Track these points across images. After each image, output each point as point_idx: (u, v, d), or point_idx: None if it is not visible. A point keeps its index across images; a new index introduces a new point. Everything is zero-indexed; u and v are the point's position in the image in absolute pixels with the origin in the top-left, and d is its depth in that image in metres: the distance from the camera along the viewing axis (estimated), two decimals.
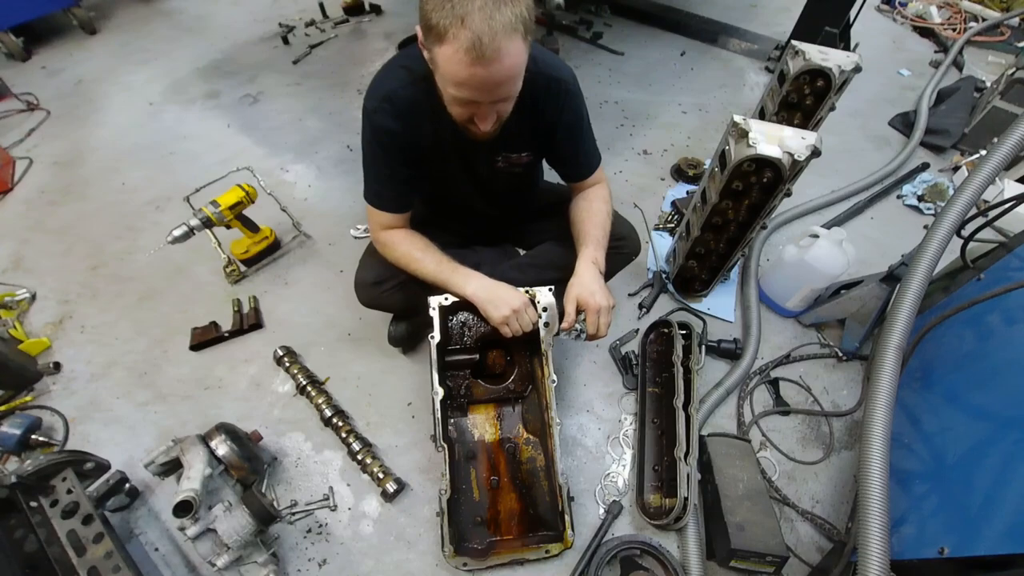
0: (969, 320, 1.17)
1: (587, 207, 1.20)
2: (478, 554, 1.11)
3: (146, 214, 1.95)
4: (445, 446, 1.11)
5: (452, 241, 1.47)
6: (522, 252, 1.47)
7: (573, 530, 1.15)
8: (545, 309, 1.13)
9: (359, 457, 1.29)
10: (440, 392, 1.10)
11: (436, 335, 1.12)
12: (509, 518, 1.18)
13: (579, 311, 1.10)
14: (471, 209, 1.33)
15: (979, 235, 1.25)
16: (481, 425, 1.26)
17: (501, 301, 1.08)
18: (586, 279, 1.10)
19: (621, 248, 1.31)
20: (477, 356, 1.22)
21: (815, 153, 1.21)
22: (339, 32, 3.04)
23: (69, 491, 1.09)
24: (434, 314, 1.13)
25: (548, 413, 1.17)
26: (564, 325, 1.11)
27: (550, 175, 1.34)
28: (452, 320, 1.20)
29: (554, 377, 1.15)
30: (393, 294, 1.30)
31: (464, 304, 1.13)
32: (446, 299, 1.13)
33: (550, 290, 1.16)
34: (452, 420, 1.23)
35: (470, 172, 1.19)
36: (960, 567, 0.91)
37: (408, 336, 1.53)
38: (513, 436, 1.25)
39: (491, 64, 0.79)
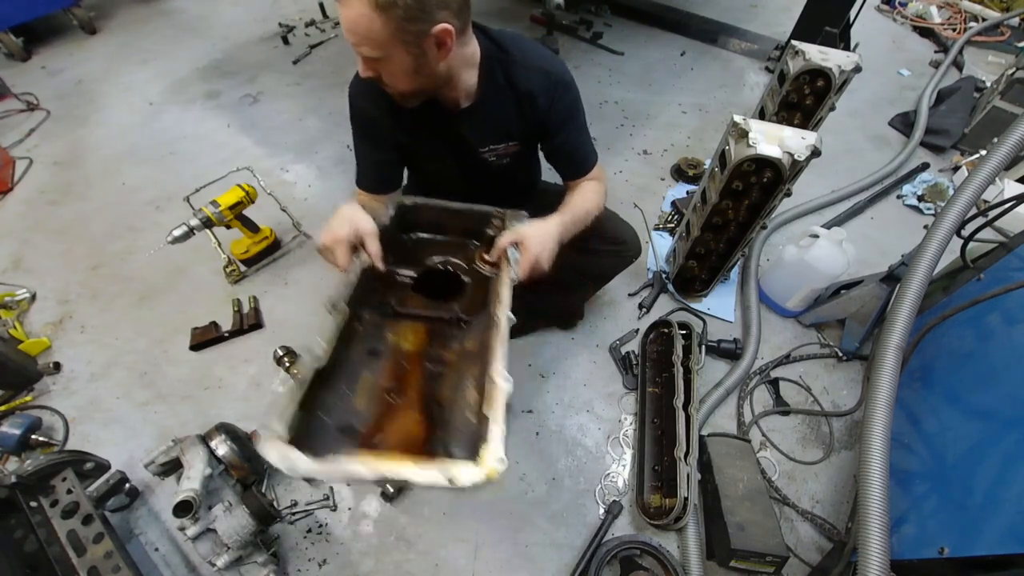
0: (969, 320, 1.17)
1: (576, 190, 1.18)
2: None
3: (146, 214, 1.95)
4: (347, 310, 0.85)
5: None
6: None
7: (505, 460, 0.65)
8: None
9: None
10: (372, 260, 0.92)
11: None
12: (401, 441, 0.79)
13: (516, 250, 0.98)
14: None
15: (979, 235, 1.25)
16: (404, 333, 0.97)
17: (330, 223, 0.93)
18: (540, 227, 1.00)
19: (622, 251, 1.31)
20: (415, 274, 1.04)
21: (815, 153, 1.21)
22: (339, 32, 3.04)
23: (69, 491, 1.09)
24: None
25: (497, 305, 0.91)
26: (490, 254, 1.00)
27: (551, 175, 1.34)
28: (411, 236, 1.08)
29: (515, 275, 0.94)
30: None
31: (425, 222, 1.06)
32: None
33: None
34: (368, 314, 0.94)
35: (460, 166, 1.19)
36: (960, 567, 0.91)
37: None
38: (442, 358, 0.95)
39: (342, 4, 0.83)
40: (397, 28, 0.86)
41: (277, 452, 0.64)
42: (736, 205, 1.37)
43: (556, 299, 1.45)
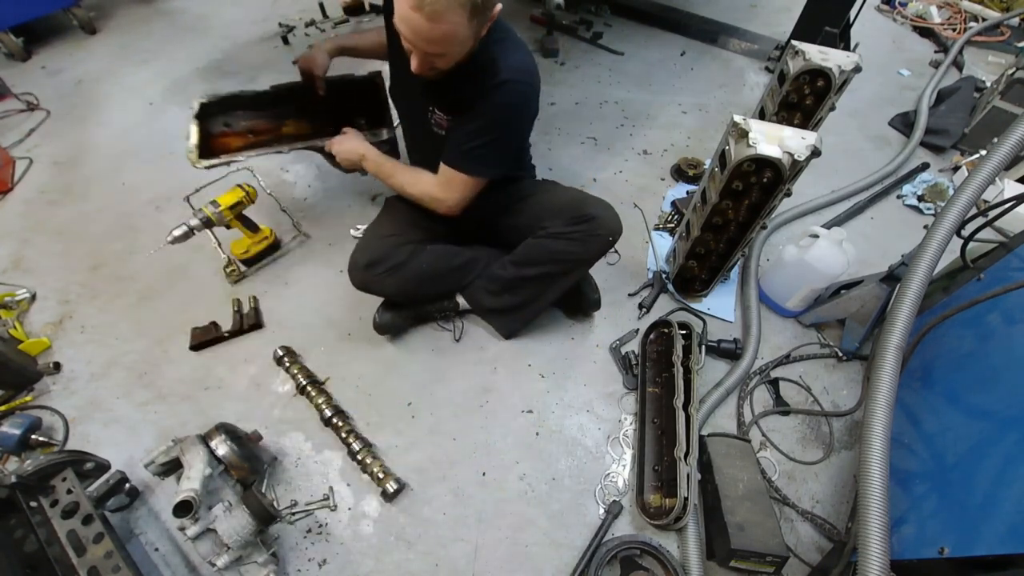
0: (969, 320, 1.17)
1: (421, 170, 1.33)
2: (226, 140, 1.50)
3: (146, 214, 1.95)
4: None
5: (446, 234, 1.49)
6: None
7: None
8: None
9: (359, 457, 1.29)
10: (318, 86, 1.58)
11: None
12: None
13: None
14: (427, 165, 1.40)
15: (979, 235, 1.25)
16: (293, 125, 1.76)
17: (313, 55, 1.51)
18: (355, 146, 1.41)
19: (592, 230, 1.29)
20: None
21: (815, 153, 1.21)
22: (339, 32, 3.04)
23: (69, 491, 1.09)
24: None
25: None
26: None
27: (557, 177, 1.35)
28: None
29: None
30: (385, 278, 1.34)
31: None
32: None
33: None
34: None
35: (411, 106, 1.30)
36: (960, 567, 0.91)
37: (395, 325, 1.54)
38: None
39: (428, 19, 0.89)
40: (477, 24, 0.95)
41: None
42: (736, 205, 1.37)
43: (538, 293, 1.46)
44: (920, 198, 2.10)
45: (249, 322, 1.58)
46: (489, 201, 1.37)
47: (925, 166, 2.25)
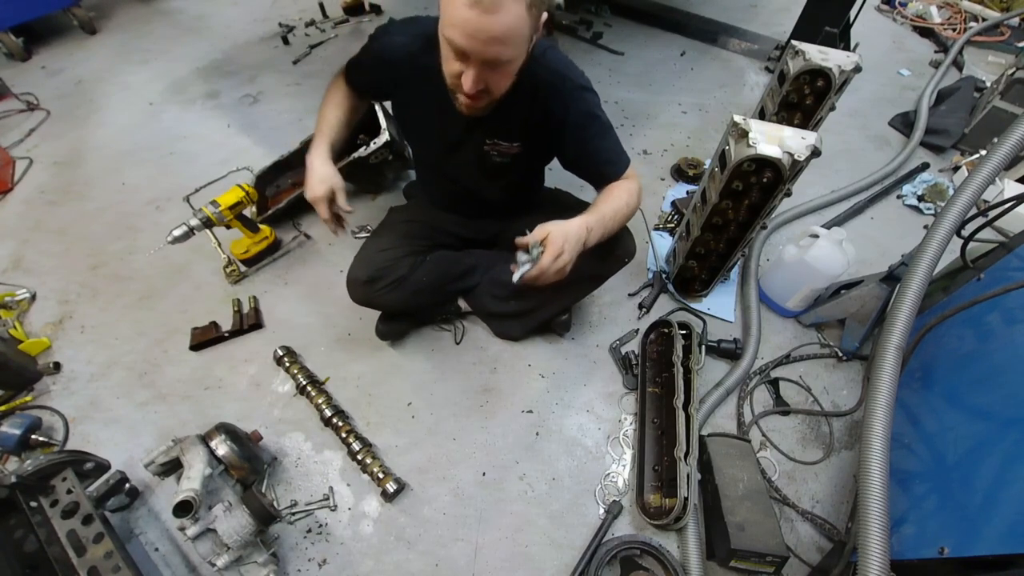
0: (969, 320, 1.17)
1: (605, 193, 1.16)
2: None
3: (146, 214, 1.95)
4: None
5: (450, 243, 1.47)
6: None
7: None
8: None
9: (359, 457, 1.29)
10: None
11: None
12: None
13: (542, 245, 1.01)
14: (458, 196, 1.34)
15: (979, 235, 1.25)
16: None
17: (310, 182, 1.20)
18: (570, 226, 1.02)
19: (612, 250, 1.27)
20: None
21: (815, 153, 1.21)
22: (339, 32, 3.04)
23: (69, 491, 1.09)
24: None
25: None
26: (521, 239, 1.03)
27: (558, 180, 1.33)
28: None
29: None
30: (386, 294, 1.31)
31: None
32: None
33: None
34: None
35: (457, 147, 1.20)
36: (960, 567, 0.91)
37: (396, 332, 1.54)
38: None
39: (487, 12, 0.80)
40: (534, 21, 0.88)
41: None
42: (736, 205, 1.37)
43: (546, 301, 1.44)
44: (920, 198, 2.10)
45: (249, 322, 1.58)
46: (503, 208, 1.37)
47: (925, 166, 2.25)
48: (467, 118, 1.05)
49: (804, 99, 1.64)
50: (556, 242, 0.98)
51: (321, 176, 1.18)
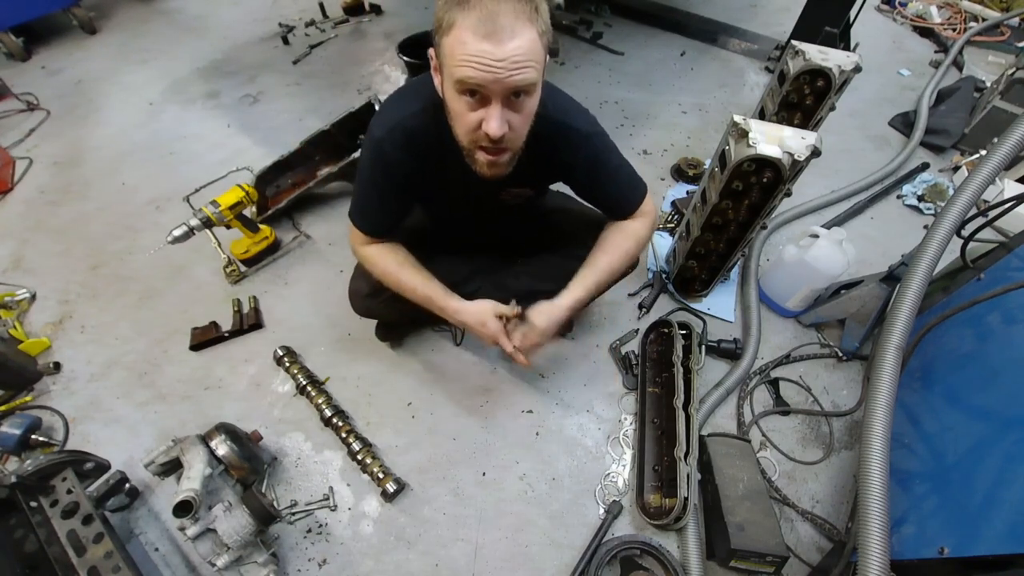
0: (969, 320, 1.17)
1: (606, 238, 1.18)
2: None
3: (146, 214, 1.95)
4: None
5: (448, 250, 1.47)
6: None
7: None
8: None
9: (359, 457, 1.29)
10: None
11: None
12: None
13: (522, 319, 1.15)
14: (471, 234, 1.35)
15: (979, 235, 1.25)
16: None
17: (478, 332, 1.15)
18: (554, 310, 1.13)
19: None
20: None
21: (815, 153, 1.21)
22: (339, 32, 3.04)
23: (69, 491, 1.09)
24: None
25: None
26: (505, 310, 1.14)
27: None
28: None
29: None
30: (389, 305, 1.28)
31: None
32: None
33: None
34: None
35: (473, 205, 1.17)
36: (960, 567, 0.91)
37: (396, 335, 1.55)
38: None
39: (500, 40, 0.76)
40: (544, 50, 0.83)
41: None
42: (736, 205, 1.37)
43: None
44: (920, 198, 2.10)
45: (249, 322, 1.58)
46: (510, 216, 1.36)
47: (925, 166, 2.25)
48: (482, 178, 0.99)
49: (804, 99, 1.64)
50: (534, 329, 1.13)
51: (477, 317, 1.12)
